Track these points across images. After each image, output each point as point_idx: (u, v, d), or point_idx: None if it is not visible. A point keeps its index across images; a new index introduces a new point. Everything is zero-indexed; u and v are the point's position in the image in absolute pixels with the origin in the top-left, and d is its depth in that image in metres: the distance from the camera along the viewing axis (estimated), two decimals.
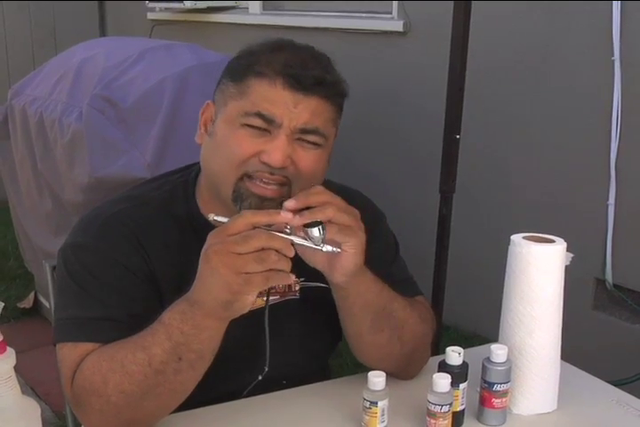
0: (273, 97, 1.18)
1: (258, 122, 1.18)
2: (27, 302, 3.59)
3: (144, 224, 1.26)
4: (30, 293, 3.64)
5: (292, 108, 1.18)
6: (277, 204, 1.16)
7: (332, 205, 1.10)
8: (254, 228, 1.05)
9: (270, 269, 1.03)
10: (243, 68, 1.22)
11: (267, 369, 1.32)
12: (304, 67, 1.19)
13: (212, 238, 1.07)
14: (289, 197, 1.17)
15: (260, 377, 1.33)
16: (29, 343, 2.01)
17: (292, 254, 1.05)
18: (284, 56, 1.21)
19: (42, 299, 3.53)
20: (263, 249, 1.03)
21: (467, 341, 3.04)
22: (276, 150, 1.17)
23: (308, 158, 1.21)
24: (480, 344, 1.54)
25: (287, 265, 1.05)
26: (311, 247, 1.10)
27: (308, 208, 1.09)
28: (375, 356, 1.30)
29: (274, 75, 1.19)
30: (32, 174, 3.10)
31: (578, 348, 1.33)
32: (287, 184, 1.21)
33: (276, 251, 1.04)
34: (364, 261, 1.16)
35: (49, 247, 2.97)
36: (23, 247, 3.51)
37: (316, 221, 1.08)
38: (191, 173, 1.35)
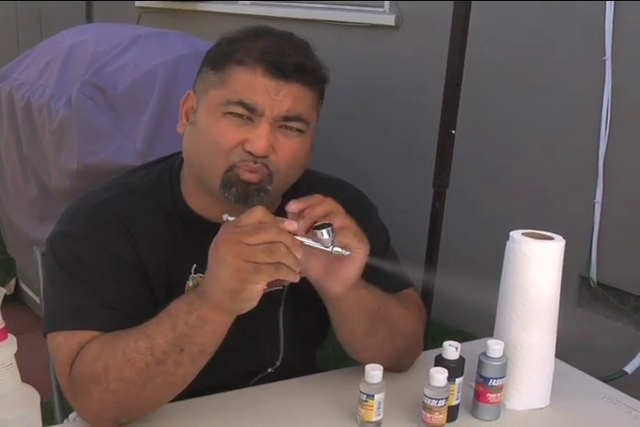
0: (253, 85, 1.18)
1: (240, 110, 1.18)
2: (7, 289, 3.56)
3: (131, 212, 1.25)
4: (11, 279, 3.61)
5: (274, 95, 1.17)
6: (260, 189, 1.19)
7: (339, 213, 1.11)
8: None
9: (278, 262, 1.03)
10: (222, 55, 1.22)
11: (278, 364, 1.35)
12: (283, 53, 1.19)
13: (222, 229, 1.06)
14: (271, 183, 1.19)
15: (270, 370, 1.36)
16: (10, 330, 1.99)
17: (300, 255, 1.05)
18: (263, 43, 1.20)
19: (23, 286, 3.50)
20: (273, 242, 1.03)
21: (449, 335, 3.05)
22: (258, 138, 1.17)
23: (289, 146, 1.21)
24: (463, 340, 1.54)
25: (295, 262, 1.04)
26: (320, 249, 1.09)
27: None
28: (369, 354, 1.29)
29: (253, 62, 1.18)
30: (17, 159, 3.06)
31: (561, 344, 1.35)
32: (269, 173, 1.21)
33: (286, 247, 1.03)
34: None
35: (33, 234, 2.93)
36: (6, 233, 3.47)
37: (325, 224, 1.08)
38: (176, 160, 1.34)
